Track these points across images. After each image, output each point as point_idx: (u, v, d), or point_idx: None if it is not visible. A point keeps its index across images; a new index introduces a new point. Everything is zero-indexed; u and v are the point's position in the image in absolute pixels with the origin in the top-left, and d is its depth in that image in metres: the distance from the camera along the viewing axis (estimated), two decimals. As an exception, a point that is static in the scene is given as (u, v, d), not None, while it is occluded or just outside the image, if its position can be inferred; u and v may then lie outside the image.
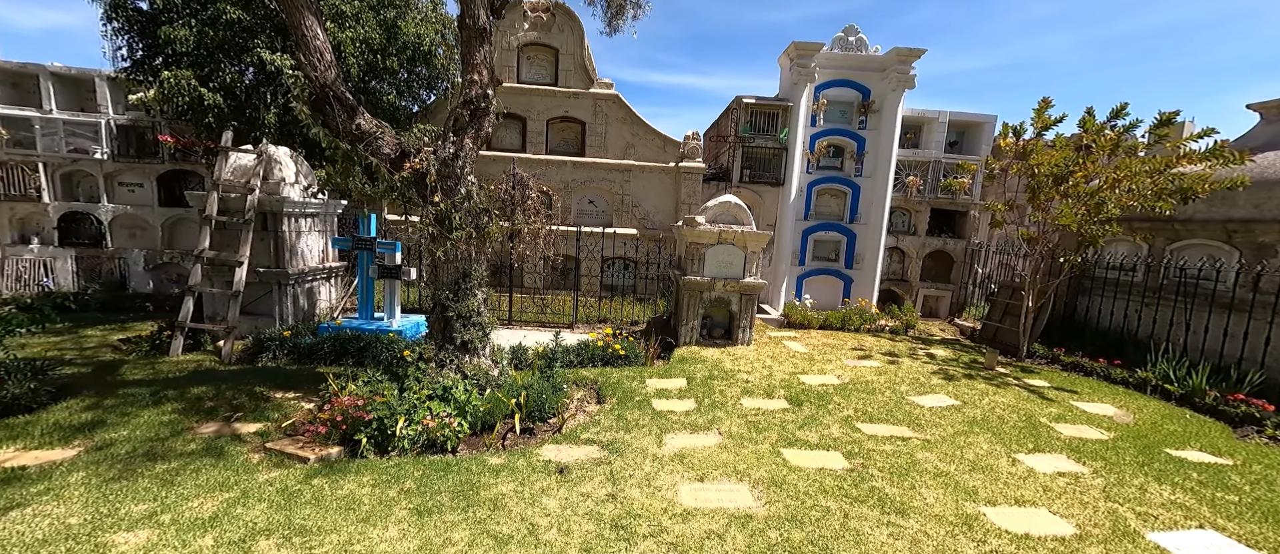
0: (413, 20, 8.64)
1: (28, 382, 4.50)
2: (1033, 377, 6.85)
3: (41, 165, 9.99)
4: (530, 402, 4.82)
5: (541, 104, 10.88)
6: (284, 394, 5.14)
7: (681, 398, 5.50)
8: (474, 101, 4.99)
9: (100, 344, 6.66)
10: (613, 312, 9.77)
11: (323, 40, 4.55)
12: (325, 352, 6.34)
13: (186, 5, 7.12)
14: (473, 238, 5.02)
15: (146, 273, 10.39)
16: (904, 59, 10.17)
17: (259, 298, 7.23)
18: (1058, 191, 7.55)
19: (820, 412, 5.15)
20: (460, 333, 5.10)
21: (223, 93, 7.42)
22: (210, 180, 6.90)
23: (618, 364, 6.67)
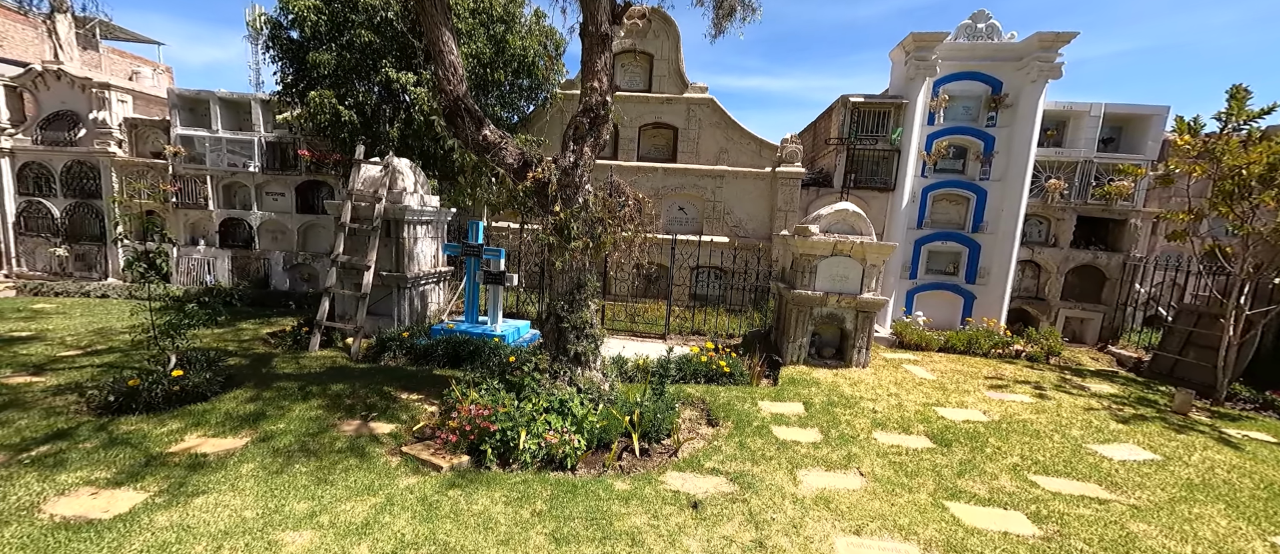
0: (518, 33, 8.92)
1: (204, 372, 5.05)
2: (1244, 426, 5.50)
3: (209, 177, 11.60)
4: (645, 421, 4.59)
5: (634, 111, 10.82)
6: (409, 395, 5.36)
7: (803, 426, 5.00)
8: (594, 109, 4.89)
9: (253, 338, 7.47)
10: (705, 322, 9.40)
11: (456, 55, 4.67)
12: (439, 354, 6.61)
13: (329, 32, 7.83)
14: (588, 247, 4.92)
15: (285, 272, 11.69)
16: (1048, 45, 8.84)
17: (381, 299, 7.75)
18: (1267, 197, 6.06)
19: (977, 456, 4.41)
20: (574, 345, 5.01)
21: (355, 110, 8.07)
22: (344, 190, 7.51)
23: (722, 382, 6.29)
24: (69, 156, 11.70)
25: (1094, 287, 10.20)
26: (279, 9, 7.98)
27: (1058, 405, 5.90)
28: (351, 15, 7.77)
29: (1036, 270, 10.41)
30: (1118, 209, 9.73)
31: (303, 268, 11.81)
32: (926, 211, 9.88)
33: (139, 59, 21.40)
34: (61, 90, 11.69)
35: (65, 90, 11.68)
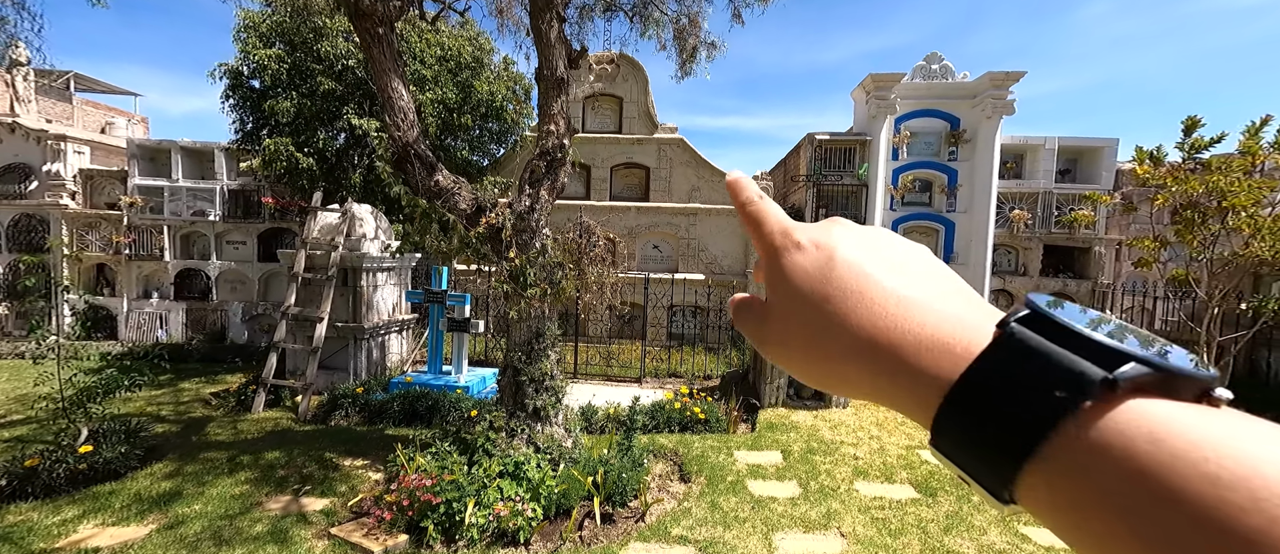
0: (486, 79, 8.96)
1: (120, 445, 4.55)
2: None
3: (166, 228, 11.16)
4: (609, 482, 4.22)
5: (606, 151, 10.87)
6: (352, 462, 4.89)
7: (781, 479, 4.68)
8: (551, 152, 4.77)
9: (193, 398, 6.91)
10: (682, 364, 9.09)
11: (407, 101, 4.55)
12: (395, 411, 6.15)
13: (290, 80, 7.74)
14: (546, 294, 4.67)
15: (243, 324, 11.11)
16: (999, 84, 9.22)
17: (336, 352, 7.30)
18: (1228, 224, 6.17)
19: (963, 506, 4.13)
20: (532, 399, 4.67)
21: (315, 156, 7.90)
22: (299, 239, 7.20)
23: (698, 430, 5.95)
24: (17, 210, 11.19)
25: (1068, 314, 10.25)
26: (240, 58, 7.89)
27: (1043, 443, 5.68)
28: (313, 64, 7.71)
29: (1010, 300, 10.45)
30: (1081, 237, 9.92)
31: (262, 319, 11.25)
32: (898, 244, 9.93)
33: (114, 110, 21.15)
34: (15, 143, 11.32)
35: (19, 143, 11.31)
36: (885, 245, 0.32)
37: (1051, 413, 0.21)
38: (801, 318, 0.31)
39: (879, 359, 0.28)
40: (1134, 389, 0.21)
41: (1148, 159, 7.01)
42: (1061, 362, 0.22)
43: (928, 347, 0.27)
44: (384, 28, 4.36)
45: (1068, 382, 0.22)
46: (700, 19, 6.36)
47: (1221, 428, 0.19)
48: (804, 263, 0.32)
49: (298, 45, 7.97)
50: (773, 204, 0.36)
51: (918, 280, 0.30)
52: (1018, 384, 0.23)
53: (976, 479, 0.24)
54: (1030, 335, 0.24)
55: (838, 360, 0.30)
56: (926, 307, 0.28)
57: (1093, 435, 0.21)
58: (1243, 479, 0.17)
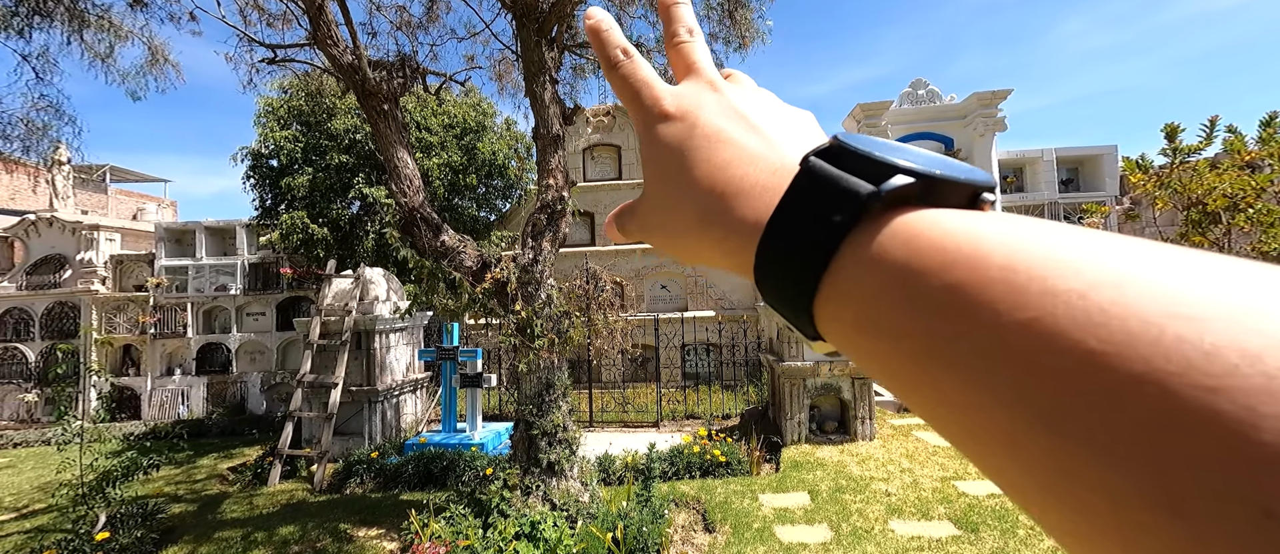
0: (489, 140, 9.40)
1: (136, 529, 4.52)
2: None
3: (190, 305, 11.54)
4: (629, 537, 4.05)
5: (607, 198, 11.14)
6: (366, 532, 4.79)
7: (810, 522, 4.45)
8: (551, 205, 4.92)
9: (210, 474, 6.89)
10: (700, 404, 8.89)
11: (412, 169, 4.78)
12: (409, 474, 6.06)
13: (305, 157, 8.20)
14: (554, 344, 4.68)
15: (262, 394, 11.21)
16: (987, 103, 9.40)
17: (351, 416, 7.30)
18: (1234, 222, 6.04)
19: (1009, 542, 3.87)
20: (546, 453, 4.58)
21: (329, 226, 8.23)
22: (315, 306, 7.39)
23: (719, 474, 5.74)
24: (51, 298, 11.69)
25: (1094, 323, 9.93)
26: (260, 140, 8.41)
27: (1087, 463, 5.36)
28: (326, 140, 8.18)
29: (1032, 313, 10.18)
30: (1096, 244, 9.75)
31: (280, 388, 11.35)
32: (908, 266, 9.85)
33: (145, 197, 22.48)
34: (52, 235, 12.00)
35: (56, 235, 11.99)
36: (750, 104, 0.31)
37: (830, 236, 0.21)
38: (661, 190, 0.30)
39: (717, 220, 0.27)
40: (902, 201, 0.21)
41: (1136, 168, 6.99)
42: (840, 183, 0.22)
43: (751, 194, 0.26)
44: (389, 104, 4.65)
45: (843, 202, 0.21)
46: (687, 69, 6.67)
47: (966, 223, 0.19)
48: (668, 134, 0.30)
49: (312, 125, 8.50)
50: (646, 67, 0.33)
51: (768, 135, 0.28)
52: (806, 214, 0.23)
53: (792, 323, 0.24)
54: (822, 164, 0.23)
55: (687, 228, 0.29)
56: (765, 159, 0.27)
57: (862, 253, 0.20)
58: (970, 261, 0.17)
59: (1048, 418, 0.14)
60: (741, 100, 0.31)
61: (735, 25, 5.89)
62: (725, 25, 5.92)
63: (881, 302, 0.19)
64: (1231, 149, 6.13)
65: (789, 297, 0.23)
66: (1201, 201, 6.23)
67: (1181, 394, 0.12)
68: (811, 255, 0.22)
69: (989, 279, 0.16)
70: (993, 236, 0.18)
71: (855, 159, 0.22)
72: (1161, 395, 0.12)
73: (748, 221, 0.25)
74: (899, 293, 0.19)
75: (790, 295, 0.22)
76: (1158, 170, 6.79)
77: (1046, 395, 0.14)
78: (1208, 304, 0.13)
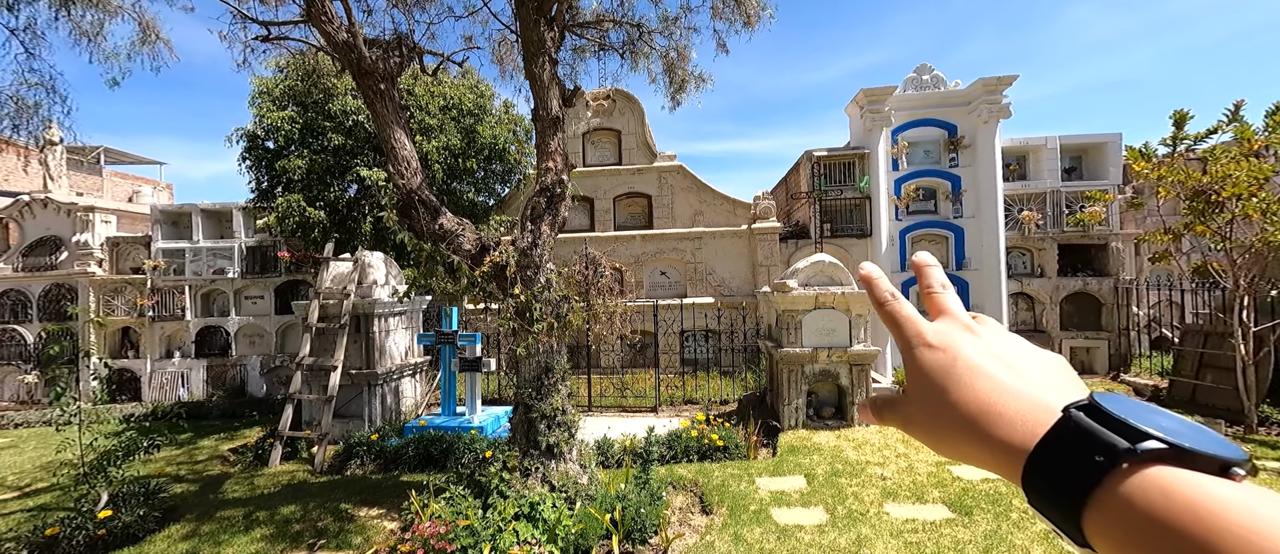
0: (488, 123, 9.27)
1: (138, 508, 4.56)
2: (1290, 456, 5.03)
3: (187, 288, 11.51)
4: (627, 518, 4.10)
5: (607, 183, 11.06)
6: (367, 512, 4.83)
7: (806, 505, 4.50)
8: (550, 188, 4.87)
9: (211, 455, 6.94)
10: (698, 389, 8.94)
11: (409, 150, 4.71)
12: (409, 456, 6.11)
13: (302, 139, 8.09)
14: (553, 328, 4.68)
15: (262, 377, 11.25)
16: (992, 89, 9.28)
17: (350, 399, 7.33)
18: (1238, 211, 6.00)
19: (1002, 525, 3.92)
20: (545, 436, 4.61)
21: (326, 209, 8.16)
22: (313, 289, 7.36)
23: (717, 458, 5.80)
24: (48, 280, 11.64)
25: (1092, 314, 9.95)
26: (255, 121, 8.29)
27: (1080, 450, 5.41)
28: (323, 122, 8.07)
29: (1030, 302, 10.19)
30: (1096, 234, 9.72)
31: (280, 371, 11.38)
32: (907, 254, 9.81)
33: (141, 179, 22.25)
34: (47, 217, 11.90)
35: (51, 217, 11.89)
36: (1004, 347, 0.40)
37: (1093, 474, 0.29)
38: (927, 400, 0.40)
39: (977, 432, 0.36)
40: (1158, 459, 0.28)
41: (1140, 157, 6.92)
42: (1099, 436, 0.30)
43: (1011, 423, 0.34)
44: (386, 84, 4.57)
45: (1103, 450, 0.29)
46: (688, 52, 6.56)
47: (1217, 489, 0.26)
48: (933, 360, 0.40)
49: (308, 105, 8.37)
50: (907, 304, 0.44)
51: (1023, 375, 0.37)
52: (1070, 454, 0.31)
53: (1057, 527, 0.31)
54: (1081, 417, 0.31)
55: (951, 432, 0.38)
56: (1020, 393, 0.36)
57: (1123, 490, 0.28)
58: (1220, 526, 0.24)
59: None
60: (998, 343, 0.40)
61: (740, 4, 5.78)
62: (729, 4, 5.80)
63: (1145, 533, 0.27)
64: (1240, 137, 6.07)
65: (1059, 511, 0.30)
66: (1207, 190, 6.21)
67: None
68: (1076, 486, 0.30)
69: (1226, 534, 0.24)
70: (1234, 501, 0.25)
71: (1109, 419, 0.30)
72: None
73: (1010, 443, 0.34)
74: (1156, 529, 0.26)
75: (1061, 511, 0.30)
76: (1162, 159, 6.72)
77: None
78: None
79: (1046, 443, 0.32)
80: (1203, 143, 6.37)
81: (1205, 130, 6.28)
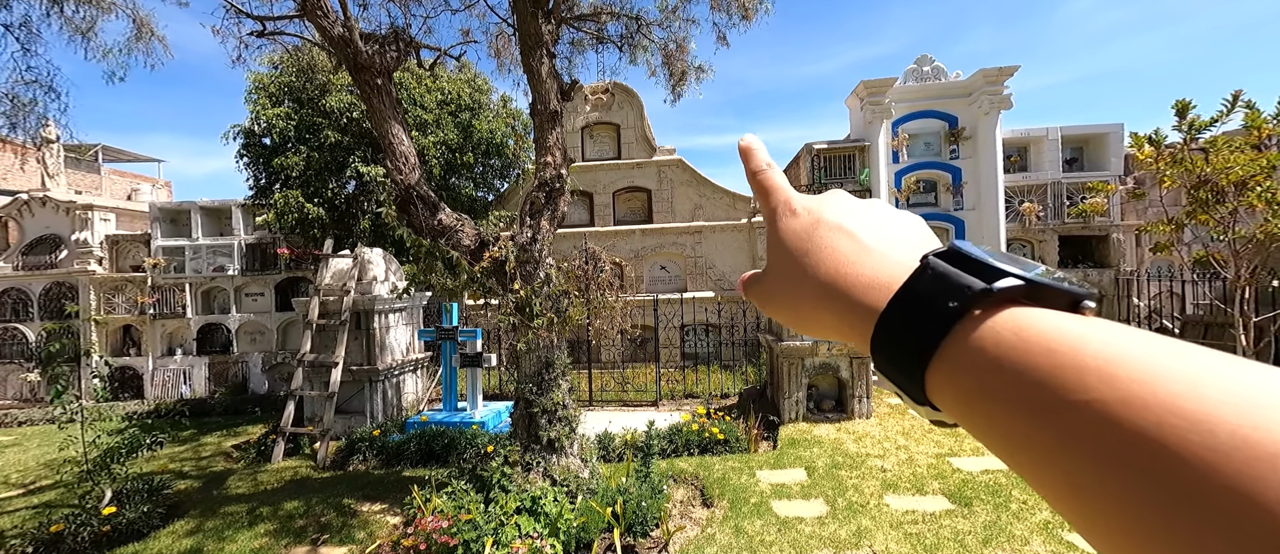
0: (485, 118, 9.23)
1: (142, 504, 4.58)
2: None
3: (188, 285, 11.51)
4: (628, 511, 4.12)
5: (607, 178, 11.03)
6: (370, 507, 4.86)
7: (806, 497, 4.52)
8: (549, 183, 4.85)
9: (215, 452, 6.97)
10: (698, 383, 8.96)
11: (407, 146, 4.68)
12: (411, 452, 6.13)
13: (299, 135, 8.06)
14: (553, 323, 4.68)
15: (263, 374, 11.28)
16: (993, 80, 9.23)
17: (352, 395, 7.35)
18: (1242, 201, 5.98)
19: (1002, 515, 3.93)
20: (546, 430, 4.62)
21: (325, 206, 8.14)
22: (313, 286, 7.36)
23: (718, 451, 5.82)
24: (48, 279, 11.64)
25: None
26: (251, 118, 8.25)
27: (1080, 441, 5.42)
28: (320, 118, 8.03)
29: (1030, 294, 10.18)
30: (1097, 225, 9.70)
31: (282, 368, 11.41)
32: (908, 246, 9.81)
33: (139, 177, 22.19)
34: (46, 215, 11.88)
35: (50, 215, 11.87)
36: (868, 211, 0.36)
37: (944, 320, 0.26)
38: (785, 270, 0.37)
39: (837, 300, 0.33)
40: (1010, 300, 0.26)
41: (1147, 143, 6.87)
42: (955, 279, 0.27)
43: (871, 286, 0.31)
44: (382, 79, 4.53)
45: (957, 293, 0.26)
46: (687, 44, 6.51)
47: (1069, 324, 0.23)
48: (795, 226, 0.37)
49: (305, 102, 8.33)
50: (780, 175, 0.41)
51: (886, 237, 0.34)
52: (923, 301, 0.28)
53: (901, 388, 0.28)
54: (938, 263, 0.28)
55: (810, 304, 0.35)
56: (882, 255, 0.32)
57: (974, 336, 0.25)
58: (1071, 353, 0.22)
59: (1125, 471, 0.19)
60: (857, 204, 0.37)
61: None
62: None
63: (995, 375, 0.24)
64: (1250, 125, 6.02)
65: (904, 367, 0.28)
66: (1210, 180, 6.17)
67: (1196, 459, 0.17)
68: (926, 334, 0.27)
69: (1083, 364, 0.21)
70: (1090, 333, 0.23)
71: (969, 262, 0.28)
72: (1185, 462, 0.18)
73: (866, 304, 0.31)
74: (1009, 368, 0.23)
75: (906, 366, 0.28)
76: (1170, 147, 6.68)
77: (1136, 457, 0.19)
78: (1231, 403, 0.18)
79: (899, 297, 0.29)
80: (1210, 130, 6.32)
81: (1210, 118, 6.24)
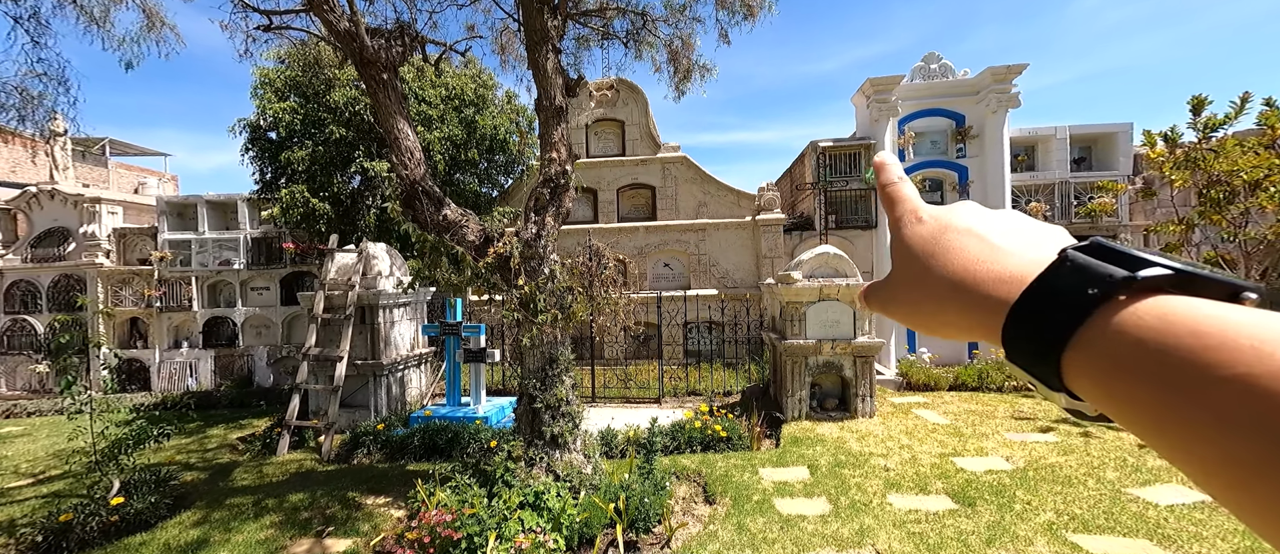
0: (490, 114, 9.22)
1: (150, 495, 4.63)
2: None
3: (194, 279, 11.59)
4: (631, 507, 4.13)
5: (611, 174, 11.01)
6: (374, 500, 4.89)
7: (809, 495, 4.52)
8: (554, 179, 4.85)
9: (220, 444, 7.03)
10: (701, 381, 8.96)
11: (413, 141, 4.69)
12: (415, 446, 6.16)
13: (304, 130, 8.08)
14: (557, 319, 4.68)
15: (269, 368, 11.35)
16: (1001, 78, 9.14)
17: (356, 389, 7.39)
18: (1263, 199, 5.91)
19: (1005, 516, 3.92)
20: (550, 426, 4.64)
21: (330, 200, 8.16)
22: (318, 281, 7.39)
23: (720, 448, 5.82)
24: (57, 271, 11.75)
25: (1099, 305, 9.88)
26: (258, 112, 8.28)
27: (1086, 443, 5.40)
28: (325, 113, 8.05)
29: (1036, 294, 10.12)
30: (1105, 226, 9.62)
31: (287, 362, 11.49)
32: (913, 245, 9.76)
33: (146, 171, 22.32)
34: (54, 208, 11.97)
35: (58, 208, 11.96)
36: (1001, 217, 0.36)
37: (1084, 307, 0.25)
38: (911, 273, 0.37)
39: (963, 295, 0.33)
40: (1156, 288, 0.25)
41: (1161, 141, 6.80)
42: (1097, 270, 0.26)
43: (1002, 280, 0.31)
44: (388, 73, 4.53)
45: (1099, 281, 0.26)
46: (692, 40, 6.48)
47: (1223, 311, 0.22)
48: (922, 232, 0.37)
49: (310, 96, 8.35)
50: (911, 187, 0.42)
51: (1019, 238, 0.33)
52: (1062, 291, 0.27)
53: (1036, 375, 0.28)
54: (1078, 255, 0.28)
55: (935, 302, 0.35)
56: (1014, 254, 0.32)
57: (1116, 321, 0.24)
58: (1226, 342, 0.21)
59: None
60: (989, 212, 0.37)
61: (743, -7, 5.69)
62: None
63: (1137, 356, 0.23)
64: (1266, 123, 5.95)
65: (1040, 352, 0.27)
66: (1223, 179, 6.11)
67: None
68: (1063, 321, 0.26)
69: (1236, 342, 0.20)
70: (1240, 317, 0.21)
71: (1113, 254, 0.27)
72: None
73: (996, 297, 0.31)
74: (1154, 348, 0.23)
75: (1039, 351, 0.27)
76: (1183, 146, 6.60)
77: None
78: None
79: (1034, 288, 0.28)
80: (1224, 129, 6.25)
81: (1223, 116, 6.17)
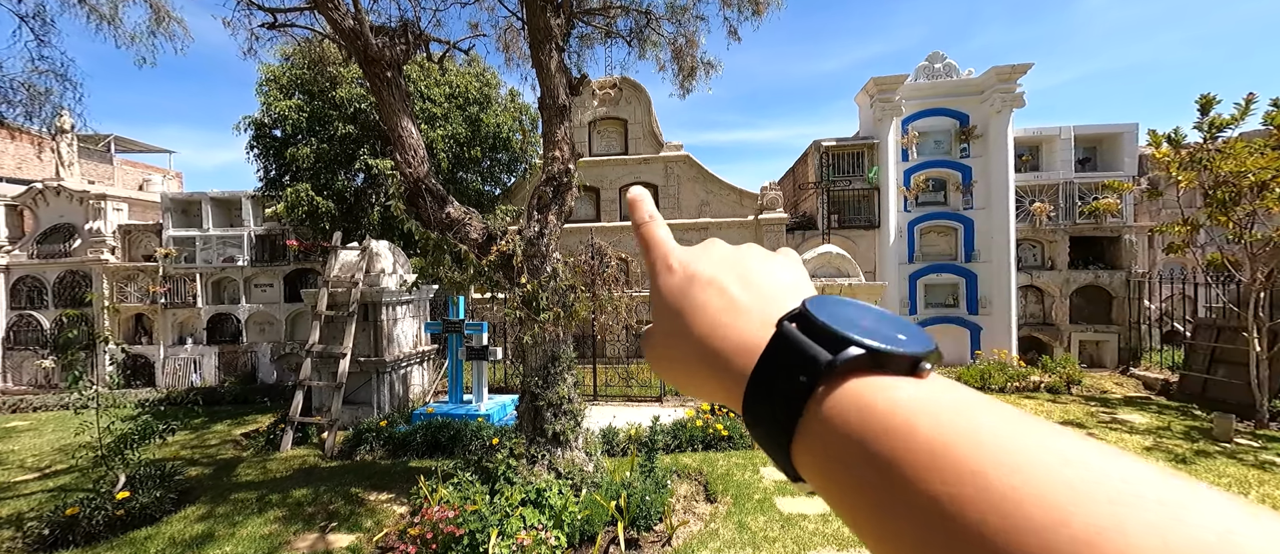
0: (493, 112, 9.24)
1: (155, 490, 4.66)
2: (1302, 451, 4.98)
3: (199, 275, 11.65)
4: (632, 505, 4.14)
5: (613, 173, 11.02)
6: (377, 496, 4.92)
7: (810, 494, 4.52)
8: (557, 177, 4.86)
9: (225, 440, 7.08)
10: (702, 381, 8.96)
11: (416, 139, 4.70)
12: (418, 443, 6.19)
13: (309, 128, 8.10)
14: (560, 317, 4.69)
15: (272, 364, 11.41)
16: (1006, 78, 9.11)
17: (359, 386, 7.42)
18: (1261, 203, 5.88)
19: (1007, 516, 3.91)
20: (552, 424, 4.65)
21: (334, 198, 8.19)
22: (321, 278, 7.42)
23: (722, 447, 5.83)
24: (63, 267, 11.83)
25: (1103, 307, 9.83)
26: (262, 110, 8.31)
27: (1088, 443, 5.39)
28: (330, 110, 8.07)
29: (1039, 295, 10.09)
30: (1109, 226, 9.58)
31: (290, 358, 11.54)
32: (916, 245, 9.73)
33: (150, 168, 22.43)
34: (60, 204, 12.05)
35: (64, 204, 12.03)
36: (739, 261, 0.36)
37: (798, 396, 0.25)
38: (665, 330, 0.35)
39: (711, 362, 0.32)
40: (854, 369, 0.25)
41: (1166, 141, 6.76)
42: (805, 351, 0.26)
43: (740, 349, 0.30)
44: (392, 71, 4.55)
45: (807, 367, 0.26)
46: (696, 38, 6.48)
47: (905, 395, 0.23)
48: (671, 283, 0.36)
49: (315, 94, 8.38)
50: (663, 228, 0.40)
51: (756, 290, 0.33)
52: (780, 372, 0.27)
53: (777, 465, 0.27)
54: (791, 330, 0.27)
55: (688, 366, 0.34)
56: (747, 311, 0.32)
57: (823, 411, 0.25)
58: (904, 436, 0.22)
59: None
60: (729, 254, 0.37)
61: (748, -8, 5.68)
62: (738, -8, 5.71)
63: (844, 458, 0.24)
64: (1273, 124, 5.91)
65: (772, 440, 0.27)
66: (1230, 180, 6.08)
67: None
68: (785, 412, 0.26)
69: (916, 451, 0.21)
70: (922, 409, 0.23)
71: (817, 330, 0.27)
72: None
73: (737, 369, 0.30)
74: (854, 451, 0.23)
75: (773, 440, 0.27)
76: (1189, 146, 6.56)
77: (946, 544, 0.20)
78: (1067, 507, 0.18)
79: (759, 367, 0.28)
80: (1230, 129, 6.22)
81: (1230, 117, 6.14)
